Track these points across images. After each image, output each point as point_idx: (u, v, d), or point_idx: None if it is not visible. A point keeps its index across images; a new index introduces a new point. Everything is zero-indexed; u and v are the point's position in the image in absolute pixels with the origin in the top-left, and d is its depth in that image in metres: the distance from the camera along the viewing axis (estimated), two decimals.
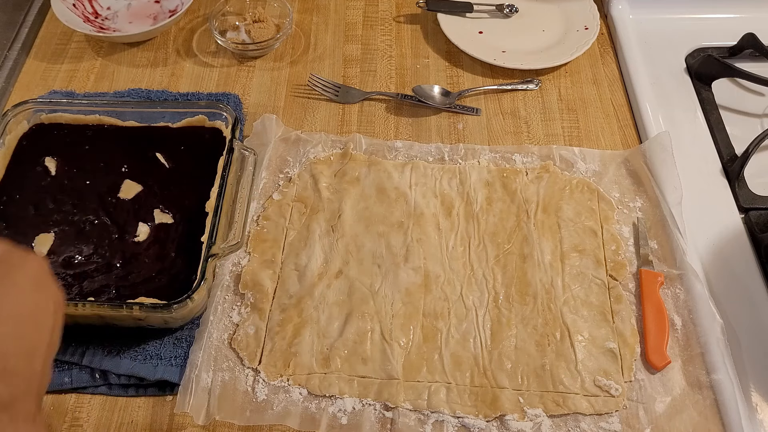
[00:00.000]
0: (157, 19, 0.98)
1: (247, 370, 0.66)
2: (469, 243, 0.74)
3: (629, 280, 0.72)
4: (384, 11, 1.02)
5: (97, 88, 0.91)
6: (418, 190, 0.78)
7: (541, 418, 0.63)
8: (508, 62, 0.91)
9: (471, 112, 0.88)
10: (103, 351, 0.66)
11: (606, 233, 0.75)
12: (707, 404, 0.63)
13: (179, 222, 0.72)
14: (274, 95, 0.90)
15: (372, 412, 0.63)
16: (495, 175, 0.80)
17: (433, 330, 0.68)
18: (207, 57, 0.95)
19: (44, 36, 0.98)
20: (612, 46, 0.96)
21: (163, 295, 0.66)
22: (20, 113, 0.78)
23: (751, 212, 0.77)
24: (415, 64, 0.94)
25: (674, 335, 0.68)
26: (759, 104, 0.90)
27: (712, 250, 0.74)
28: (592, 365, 0.65)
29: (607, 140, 0.85)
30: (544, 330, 0.68)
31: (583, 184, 0.79)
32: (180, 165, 0.77)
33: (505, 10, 0.99)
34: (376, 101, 0.89)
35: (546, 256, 0.73)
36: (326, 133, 0.85)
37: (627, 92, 0.90)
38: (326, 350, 0.67)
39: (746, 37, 0.92)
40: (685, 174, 0.78)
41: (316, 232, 0.75)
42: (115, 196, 0.74)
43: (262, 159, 0.80)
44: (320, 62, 0.94)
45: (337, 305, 0.70)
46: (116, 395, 0.65)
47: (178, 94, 0.89)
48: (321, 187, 0.78)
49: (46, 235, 0.71)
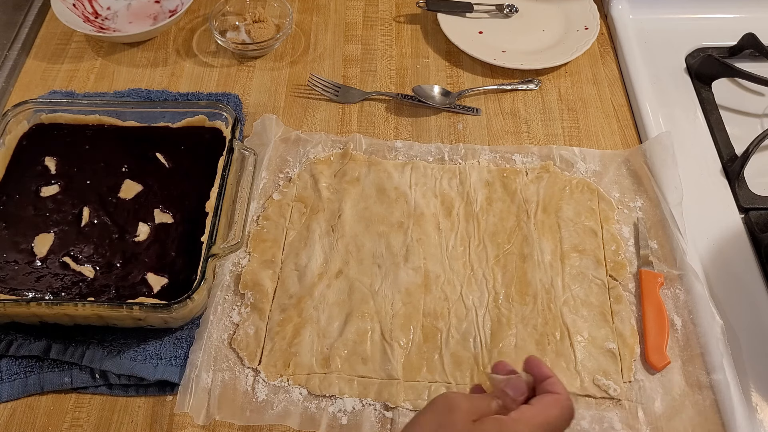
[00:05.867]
0: (157, 19, 0.98)
1: (247, 370, 0.66)
2: (469, 243, 0.74)
3: (629, 281, 0.72)
4: (384, 11, 1.02)
5: (97, 88, 0.91)
6: (418, 190, 0.78)
7: None
8: (508, 62, 0.91)
9: (471, 112, 0.88)
10: (103, 351, 0.65)
11: (606, 233, 0.75)
12: (707, 404, 0.63)
13: (179, 222, 0.72)
14: (274, 95, 0.90)
15: (372, 412, 0.63)
16: (495, 175, 0.80)
17: (433, 330, 0.68)
18: (207, 57, 0.95)
19: (44, 36, 0.98)
20: (612, 46, 0.97)
21: (163, 295, 0.66)
22: (20, 113, 0.78)
23: (751, 212, 0.77)
24: (415, 64, 0.94)
25: (674, 335, 0.68)
26: (759, 104, 0.90)
27: (712, 250, 0.74)
28: (592, 365, 0.65)
29: (607, 140, 0.85)
30: (543, 330, 0.68)
31: (583, 184, 0.79)
32: (180, 165, 0.77)
33: (505, 10, 0.99)
34: (376, 101, 0.89)
35: (546, 256, 0.73)
36: (326, 133, 0.85)
37: (627, 92, 0.90)
38: (326, 350, 0.67)
39: (746, 37, 0.92)
40: (685, 174, 0.78)
41: (316, 232, 0.75)
42: (115, 196, 0.74)
43: (262, 159, 0.80)
44: (320, 62, 0.94)
45: (337, 305, 0.70)
46: (116, 395, 0.65)
47: (178, 94, 0.89)
48: (321, 187, 0.78)
49: (46, 235, 0.71)
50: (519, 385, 0.48)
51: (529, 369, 0.49)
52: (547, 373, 0.48)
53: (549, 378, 0.48)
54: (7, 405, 0.64)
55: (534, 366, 0.49)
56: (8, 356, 0.66)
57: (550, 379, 0.48)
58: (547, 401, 0.46)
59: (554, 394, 0.47)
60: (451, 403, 0.45)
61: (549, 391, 0.47)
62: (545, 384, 0.48)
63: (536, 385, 0.48)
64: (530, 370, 0.49)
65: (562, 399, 0.47)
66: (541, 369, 0.49)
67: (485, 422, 0.44)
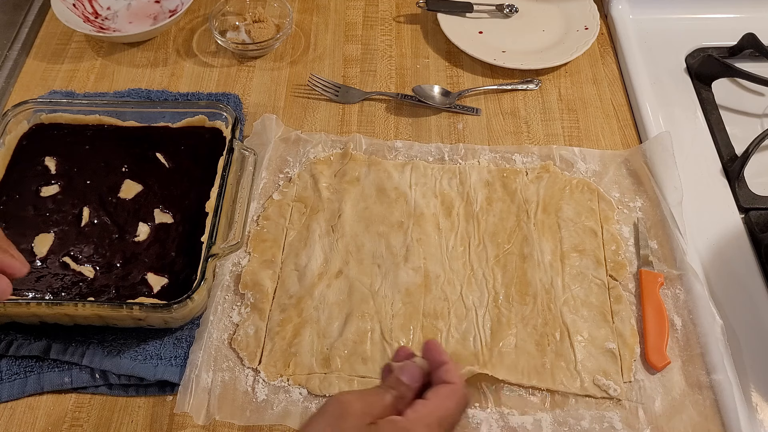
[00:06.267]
0: (157, 19, 0.98)
1: (247, 370, 0.66)
2: (469, 243, 0.74)
3: (629, 281, 0.72)
4: (384, 11, 1.02)
5: (97, 88, 0.91)
6: (418, 190, 0.78)
7: (541, 415, 0.63)
8: (508, 62, 0.91)
9: (471, 112, 0.88)
10: (103, 351, 0.65)
11: (606, 233, 0.75)
12: (707, 404, 0.63)
13: (179, 222, 0.72)
14: (274, 95, 0.90)
15: None
16: (495, 175, 0.80)
17: (433, 330, 0.68)
18: (207, 57, 0.95)
19: (44, 36, 0.98)
20: (612, 46, 0.97)
21: (163, 295, 0.66)
22: (20, 113, 0.78)
23: (751, 212, 0.77)
24: (415, 64, 0.94)
25: (674, 335, 0.68)
26: (759, 104, 0.90)
27: (712, 250, 0.74)
28: (592, 365, 0.65)
29: (607, 140, 0.85)
30: (543, 330, 0.68)
31: (583, 184, 0.79)
32: (180, 165, 0.77)
33: (505, 10, 0.99)
34: (376, 101, 0.89)
35: (546, 256, 0.73)
36: (326, 133, 0.85)
37: (627, 92, 0.90)
38: (326, 350, 0.67)
39: (746, 37, 0.92)
40: (685, 174, 0.78)
41: (316, 232, 0.75)
42: (115, 196, 0.74)
43: (262, 159, 0.80)
44: (320, 62, 0.94)
45: (337, 305, 0.70)
46: (116, 395, 0.65)
47: (178, 94, 0.89)
48: (321, 187, 0.78)
49: (46, 235, 0.71)
50: (413, 371, 0.46)
51: (426, 354, 0.48)
52: (443, 359, 0.47)
53: (444, 364, 0.47)
54: (7, 405, 0.64)
55: (431, 351, 0.48)
56: (8, 356, 0.66)
57: (445, 366, 0.47)
58: (442, 393, 0.45)
59: (449, 385, 0.46)
60: (343, 407, 0.43)
61: (444, 380, 0.46)
62: (440, 372, 0.47)
63: (431, 371, 0.47)
64: (427, 356, 0.48)
65: (457, 389, 0.46)
66: (437, 354, 0.47)
67: (381, 427, 0.42)
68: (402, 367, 0.47)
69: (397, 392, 0.45)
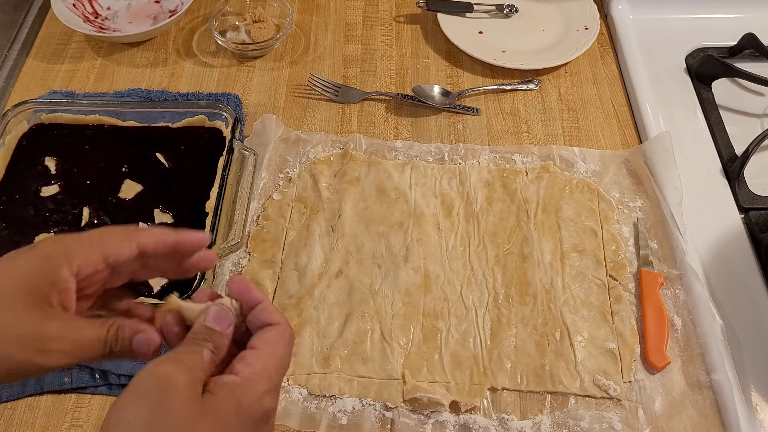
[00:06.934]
0: (157, 19, 0.98)
1: None
2: (469, 243, 0.74)
3: (629, 281, 0.72)
4: (384, 11, 1.02)
5: (97, 88, 0.91)
6: (418, 190, 0.78)
7: (540, 418, 0.63)
8: (508, 62, 0.91)
9: (471, 112, 0.88)
10: None
11: (606, 233, 0.75)
12: (707, 404, 0.63)
13: (179, 222, 0.72)
14: (274, 95, 0.90)
15: (372, 412, 0.63)
16: (495, 175, 0.80)
17: (433, 330, 0.68)
18: (207, 57, 0.95)
19: (44, 36, 0.98)
20: (612, 46, 0.96)
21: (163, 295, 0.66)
22: (20, 113, 0.78)
23: (751, 212, 0.77)
24: (415, 64, 0.94)
25: (674, 335, 0.68)
26: (759, 104, 0.90)
27: (712, 250, 0.74)
28: (592, 365, 0.65)
29: (607, 140, 0.85)
30: (543, 330, 0.68)
31: (583, 184, 0.79)
32: (180, 165, 0.77)
33: (505, 10, 0.99)
34: (376, 101, 0.89)
35: (546, 256, 0.73)
36: (326, 133, 0.85)
37: (627, 92, 0.90)
38: (326, 350, 0.67)
39: (746, 37, 0.92)
40: (685, 174, 0.78)
41: (316, 232, 0.75)
42: (115, 196, 0.74)
43: (262, 159, 0.80)
44: (320, 62, 0.94)
45: (337, 305, 0.70)
46: (116, 395, 0.65)
47: (178, 94, 0.89)
48: (321, 187, 0.78)
49: (46, 235, 0.71)
50: (223, 315, 0.41)
51: (234, 294, 0.42)
52: (258, 297, 0.42)
53: (260, 303, 0.42)
54: (7, 405, 0.64)
55: (241, 290, 0.42)
56: None
57: (261, 305, 0.42)
58: (271, 339, 0.40)
59: (274, 326, 0.41)
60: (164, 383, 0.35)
61: (266, 321, 0.41)
62: (257, 311, 0.41)
63: (246, 312, 0.42)
64: (236, 296, 0.42)
65: (284, 329, 0.41)
66: (249, 293, 0.42)
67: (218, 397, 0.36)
68: (207, 312, 0.41)
69: (212, 344, 0.39)
